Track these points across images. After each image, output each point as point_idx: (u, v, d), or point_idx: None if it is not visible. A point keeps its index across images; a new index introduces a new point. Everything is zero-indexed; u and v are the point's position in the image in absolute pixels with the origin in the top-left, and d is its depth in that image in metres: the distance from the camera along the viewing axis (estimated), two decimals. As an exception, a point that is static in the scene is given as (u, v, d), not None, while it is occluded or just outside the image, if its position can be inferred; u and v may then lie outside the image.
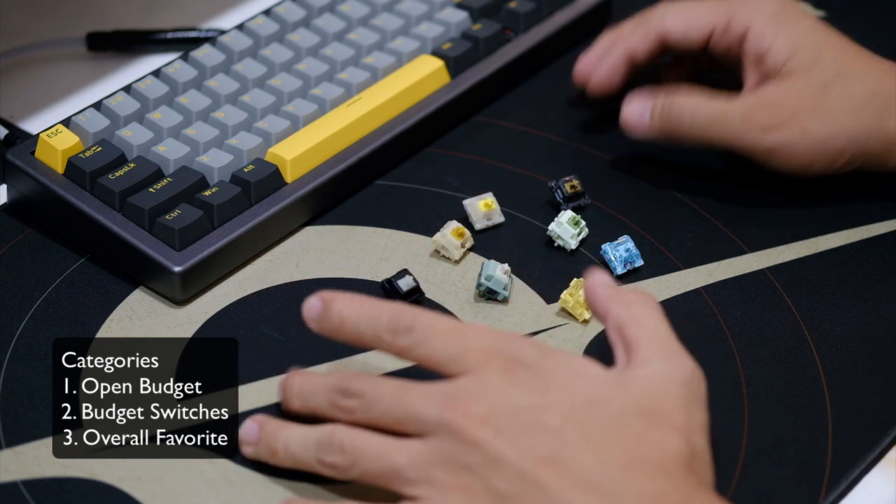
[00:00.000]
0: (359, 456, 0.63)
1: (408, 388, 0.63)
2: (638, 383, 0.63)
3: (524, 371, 0.63)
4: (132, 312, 0.76)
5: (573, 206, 0.82)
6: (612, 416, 0.62)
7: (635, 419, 0.62)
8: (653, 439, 0.61)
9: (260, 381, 0.72)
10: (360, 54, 0.88)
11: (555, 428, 0.61)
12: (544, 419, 0.61)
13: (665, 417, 0.62)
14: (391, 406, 0.63)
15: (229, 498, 0.67)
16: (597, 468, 0.60)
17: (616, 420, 0.62)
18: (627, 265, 0.79)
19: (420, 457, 0.62)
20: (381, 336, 0.65)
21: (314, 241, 0.80)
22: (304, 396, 0.66)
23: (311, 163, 0.81)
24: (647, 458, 0.61)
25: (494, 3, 0.93)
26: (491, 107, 0.90)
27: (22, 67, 0.93)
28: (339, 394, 0.65)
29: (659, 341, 0.65)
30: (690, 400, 0.63)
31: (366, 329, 0.65)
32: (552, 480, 0.60)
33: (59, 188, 0.78)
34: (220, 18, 0.97)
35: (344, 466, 0.63)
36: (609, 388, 0.63)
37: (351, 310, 0.65)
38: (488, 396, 0.62)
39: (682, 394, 0.63)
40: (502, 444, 0.61)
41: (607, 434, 0.61)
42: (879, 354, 0.75)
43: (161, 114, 0.81)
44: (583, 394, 0.62)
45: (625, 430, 0.61)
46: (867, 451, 0.70)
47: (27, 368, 0.72)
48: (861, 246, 0.81)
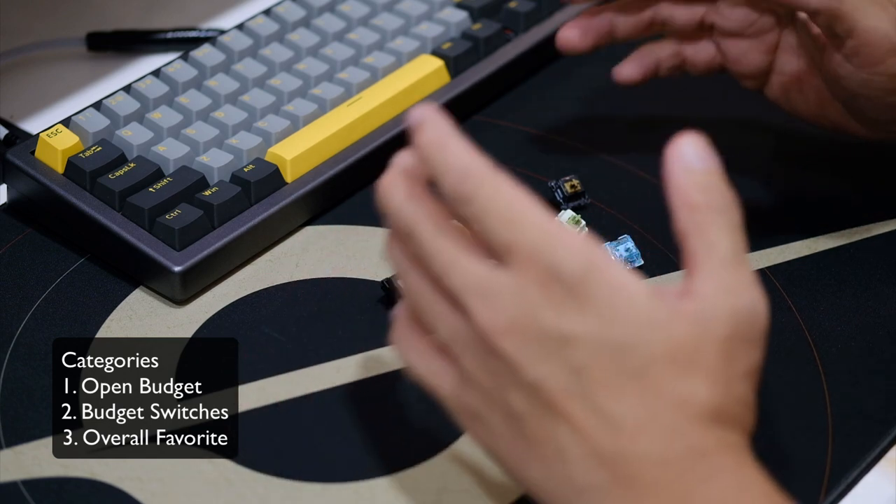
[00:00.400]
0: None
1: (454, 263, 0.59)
2: (681, 323, 0.57)
3: (561, 288, 0.57)
4: (132, 312, 0.76)
5: (573, 206, 0.82)
6: (639, 365, 0.57)
7: (664, 368, 0.57)
8: (678, 389, 0.57)
9: (260, 380, 0.72)
10: (360, 54, 0.88)
11: (576, 365, 0.57)
12: (568, 352, 0.57)
13: (700, 364, 0.57)
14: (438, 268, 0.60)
15: (229, 498, 0.67)
16: (606, 425, 0.57)
17: (643, 369, 0.57)
18: (627, 265, 0.79)
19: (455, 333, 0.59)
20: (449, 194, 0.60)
21: (314, 241, 0.80)
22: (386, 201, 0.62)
23: (311, 162, 0.81)
24: (663, 412, 0.57)
25: (494, 3, 0.93)
26: (491, 107, 0.90)
27: (22, 67, 0.93)
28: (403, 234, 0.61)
29: (717, 264, 0.58)
30: (736, 343, 0.58)
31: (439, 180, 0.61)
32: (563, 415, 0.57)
33: (59, 188, 0.78)
34: (220, 18, 0.97)
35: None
36: (646, 329, 0.57)
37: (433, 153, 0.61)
38: (518, 307, 0.58)
39: (728, 336, 0.58)
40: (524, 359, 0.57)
41: (629, 384, 0.57)
42: (879, 354, 0.75)
43: (161, 114, 0.81)
44: (615, 333, 0.57)
45: (650, 381, 0.57)
46: (867, 451, 0.70)
47: (27, 368, 0.72)
48: (861, 246, 0.81)
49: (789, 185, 0.84)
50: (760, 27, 0.81)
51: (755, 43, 0.81)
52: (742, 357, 0.58)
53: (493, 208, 0.59)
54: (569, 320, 0.57)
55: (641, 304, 0.57)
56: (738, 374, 0.58)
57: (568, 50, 0.83)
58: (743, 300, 0.58)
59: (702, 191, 0.59)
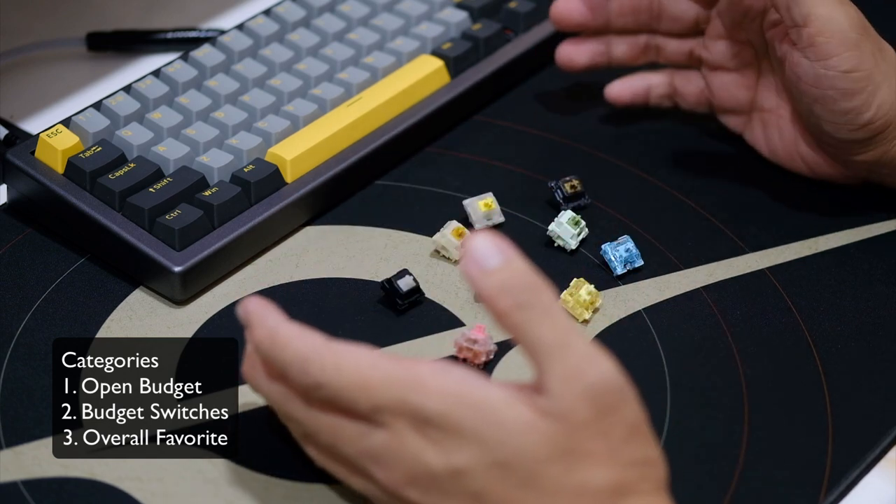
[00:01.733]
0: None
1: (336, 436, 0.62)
2: (546, 420, 0.59)
3: (434, 429, 0.60)
4: (132, 312, 0.75)
5: (573, 206, 0.82)
6: (527, 474, 0.59)
7: (552, 467, 0.59)
8: (572, 482, 0.59)
9: (260, 381, 0.72)
10: (360, 54, 0.88)
11: (475, 492, 0.60)
12: (463, 483, 0.60)
13: (582, 452, 0.59)
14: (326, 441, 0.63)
15: (229, 498, 0.67)
16: None
17: (532, 476, 0.59)
18: (627, 265, 0.79)
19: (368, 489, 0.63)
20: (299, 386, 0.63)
21: (314, 241, 0.80)
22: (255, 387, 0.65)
23: (311, 163, 0.81)
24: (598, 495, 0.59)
25: (494, 3, 0.93)
26: (491, 107, 0.90)
27: (22, 67, 0.93)
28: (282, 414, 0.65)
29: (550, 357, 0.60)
30: (602, 417, 0.59)
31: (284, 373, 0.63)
32: None
33: (59, 188, 0.78)
34: (220, 18, 0.97)
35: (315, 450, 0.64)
36: (520, 438, 0.59)
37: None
38: (406, 461, 0.60)
39: (593, 415, 0.59)
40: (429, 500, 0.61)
41: (526, 494, 0.59)
42: (879, 354, 0.75)
43: (161, 114, 0.81)
44: (496, 452, 0.59)
45: (543, 484, 0.59)
46: (867, 451, 0.70)
47: (27, 368, 0.72)
48: (861, 246, 0.81)
49: (789, 185, 0.84)
50: (742, 60, 0.85)
51: (738, 77, 0.85)
52: (615, 424, 0.59)
53: (342, 385, 0.61)
54: (452, 456, 0.60)
55: (507, 417, 0.59)
56: (619, 441, 0.59)
57: (565, 65, 0.88)
58: (588, 377, 0.59)
59: (504, 293, 0.60)
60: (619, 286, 0.78)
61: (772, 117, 0.84)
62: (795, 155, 0.84)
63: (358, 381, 0.61)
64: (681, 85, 0.87)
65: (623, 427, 0.60)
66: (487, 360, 0.73)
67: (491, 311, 0.60)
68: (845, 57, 0.77)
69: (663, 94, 0.88)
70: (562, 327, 0.60)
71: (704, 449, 0.68)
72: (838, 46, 0.77)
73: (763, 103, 0.85)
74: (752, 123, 0.86)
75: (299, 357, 0.62)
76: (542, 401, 0.59)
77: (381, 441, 0.61)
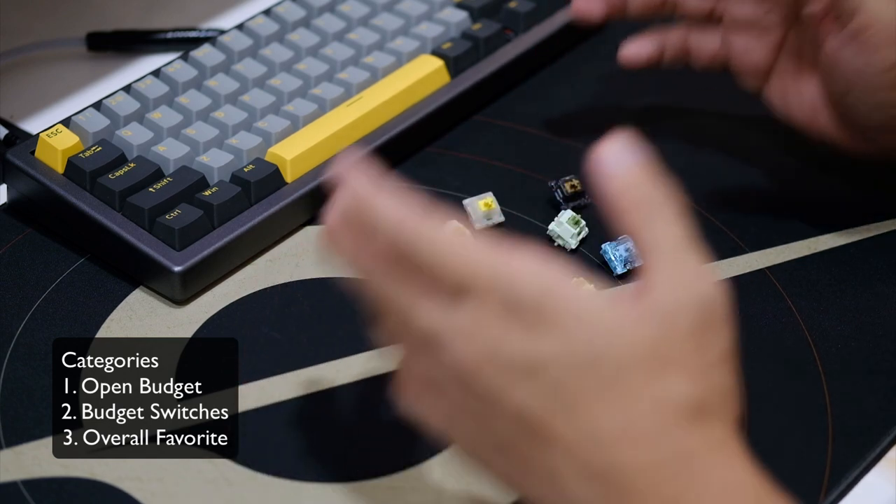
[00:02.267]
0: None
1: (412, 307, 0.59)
2: (644, 324, 0.57)
3: (522, 315, 0.58)
4: (132, 312, 0.76)
5: (573, 206, 0.82)
6: (611, 375, 0.57)
7: (637, 372, 0.57)
8: (655, 391, 0.57)
9: (260, 380, 0.72)
10: (360, 54, 0.88)
11: (551, 386, 0.57)
12: (540, 375, 0.57)
13: (671, 361, 0.57)
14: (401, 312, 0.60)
15: (229, 498, 0.67)
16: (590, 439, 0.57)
17: (615, 379, 0.57)
18: (627, 265, 0.79)
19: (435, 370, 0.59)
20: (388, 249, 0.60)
21: (314, 241, 0.80)
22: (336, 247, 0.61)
23: (311, 163, 0.81)
24: (644, 417, 0.57)
25: (494, 3, 0.93)
26: (491, 107, 0.90)
27: (22, 67, 0.93)
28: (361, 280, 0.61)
29: (666, 258, 0.59)
30: (703, 331, 0.58)
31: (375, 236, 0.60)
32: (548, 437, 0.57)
33: (59, 188, 0.78)
34: (220, 18, 0.97)
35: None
36: (610, 338, 0.57)
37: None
38: (488, 339, 0.58)
39: (693, 326, 0.57)
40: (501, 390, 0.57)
41: (605, 395, 0.57)
42: (879, 354, 0.75)
43: (161, 114, 0.81)
44: (582, 348, 0.57)
45: (624, 388, 0.57)
46: (867, 451, 0.70)
47: (27, 368, 0.72)
48: (861, 246, 0.81)
49: (790, 185, 0.84)
50: (767, 23, 0.81)
51: (761, 39, 0.81)
52: (712, 344, 0.58)
53: (435, 252, 0.58)
54: (535, 345, 0.57)
55: (601, 315, 0.57)
56: (711, 362, 0.58)
57: (582, 16, 0.84)
58: (698, 287, 0.58)
59: (637, 187, 0.59)
60: (620, 286, 0.78)
61: (793, 83, 0.81)
62: (814, 124, 0.81)
63: (452, 252, 0.58)
64: (696, 44, 0.84)
65: (718, 349, 0.58)
66: (487, 359, 0.73)
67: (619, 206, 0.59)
68: (890, 53, 0.75)
69: (677, 54, 0.84)
70: (682, 237, 0.59)
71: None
72: (885, 42, 0.75)
73: (785, 68, 0.82)
74: (771, 85, 0.82)
75: (394, 218, 0.59)
76: (647, 301, 0.58)
77: (464, 315, 0.58)
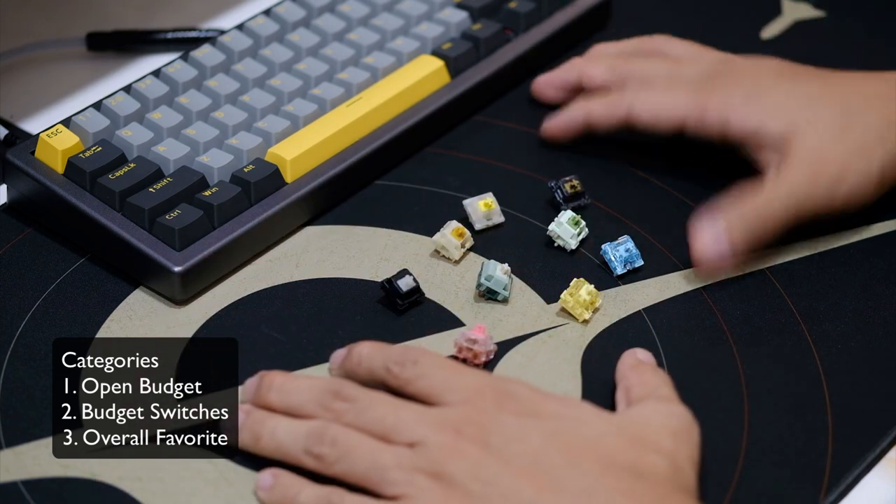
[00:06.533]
0: (348, 451, 0.64)
1: (402, 404, 0.66)
2: (627, 417, 0.67)
3: (515, 402, 0.66)
4: (132, 312, 0.76)
5: (573, 206, 0.82)
6: (594, 436, 0.64)
7: (618, 439, 0.64)
8: (633, 455, 0.64)
9: (260, 381, 0.72)
10: (360, 54, 0.88)
11: (537, 444, 0.64)
12: (529, 436, 0.64)
13: (650, 442, 0.65)
14: (384, 414, 0.65)
15: (229, 498, 0.67)
16: (572, 473, 0.63)
17: (598, 439, 0.64)
18: (627, 265, 0.79)
19: (407, 461, 0.64)
20: (391, 368, 0.67)
21: (314, 241, 0.80)
22: (286, 393, 0.68)
23: (311, 163, 0.81)
24: (624, 466, 0.63)
25: (494, 3, 0.93)
26: (491, 107, 0.90)
27: (22, 67, 0.93)
28: (331, 395, 0.66)
29: (657, 394, 0.68)
30: (679, 434, 0.66)
31: (378, 364, 0.68)
32: (526, 483, 0.62)
33: (59, 188, 0.78)
34: (220, 18, 0.97)
35: (330, 460, 0.65)
36: (597, 417, 0.66)
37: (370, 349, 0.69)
38: (480, 419, 0.65)
39: (671, 428, 0.66)
40: (487, 455, 0.63)
41: (587, 449, 0.64)
42: (879, 354, 0.75)
43: (161, 114, 0.81)
44: (569, 417, 0.65)
45: (605, 447, 0.64)
46: (867, 451, 0.70)
47: (27, 368, 0.72)
48: (861, 246, 0.81)
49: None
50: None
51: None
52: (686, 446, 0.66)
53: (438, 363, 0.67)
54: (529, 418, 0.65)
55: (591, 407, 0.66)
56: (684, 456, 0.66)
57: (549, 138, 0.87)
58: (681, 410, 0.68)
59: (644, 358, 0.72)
60: (619, 286, 0.78)
61: None
62: None
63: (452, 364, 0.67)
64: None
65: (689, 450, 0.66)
66: (487, 360, 0.73)
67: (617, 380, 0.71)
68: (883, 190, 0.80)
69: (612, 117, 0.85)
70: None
71: (705, 449, 0.68)
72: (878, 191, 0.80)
73: None
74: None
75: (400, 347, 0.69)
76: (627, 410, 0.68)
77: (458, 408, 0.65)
